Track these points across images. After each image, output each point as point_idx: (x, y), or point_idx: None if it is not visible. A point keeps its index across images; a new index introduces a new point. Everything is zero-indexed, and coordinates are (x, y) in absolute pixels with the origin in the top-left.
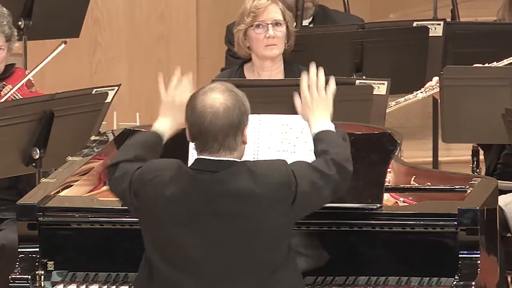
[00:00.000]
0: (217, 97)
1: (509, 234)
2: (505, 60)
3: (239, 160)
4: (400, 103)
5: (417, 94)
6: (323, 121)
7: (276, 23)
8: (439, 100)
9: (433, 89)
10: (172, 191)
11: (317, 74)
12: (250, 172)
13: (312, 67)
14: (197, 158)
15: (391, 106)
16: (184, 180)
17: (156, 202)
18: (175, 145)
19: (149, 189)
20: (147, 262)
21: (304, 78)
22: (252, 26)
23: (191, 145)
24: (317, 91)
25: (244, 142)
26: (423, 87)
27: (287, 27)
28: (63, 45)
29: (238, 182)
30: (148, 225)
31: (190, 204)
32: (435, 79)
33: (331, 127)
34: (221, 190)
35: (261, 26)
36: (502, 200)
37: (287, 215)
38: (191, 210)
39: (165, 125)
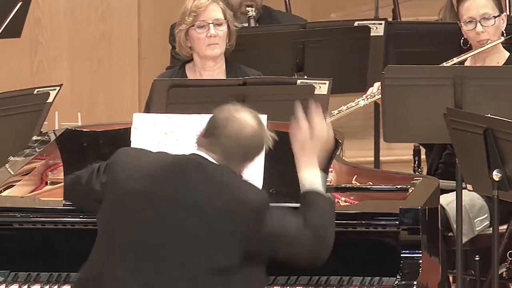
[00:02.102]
0: (250, 119)
1: (451, 234)
2: (450, 61)
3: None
4: (343, 111)
5: (359, 101)
6: (313, 171)
7: (217, 23)
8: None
9: (375, 96)
10: (146, 170)
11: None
12: (227, 183)
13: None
14: (192, 153)
15: (333, 115)
16: (161, 161)
17: (128, 179)
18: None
19: (124, 166)
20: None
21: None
22: (193, 26)
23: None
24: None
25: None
26: (365, 90)
27: (228, 26)
28: None
29: (210, 187)
30: (110, 200)
31: (158, 184)
32: (377, 85)
33: (319, 180)
34: (196, 176)
35: (202, 26)
36: (444, 199)
37: (240, 238)
38: (157, 191)
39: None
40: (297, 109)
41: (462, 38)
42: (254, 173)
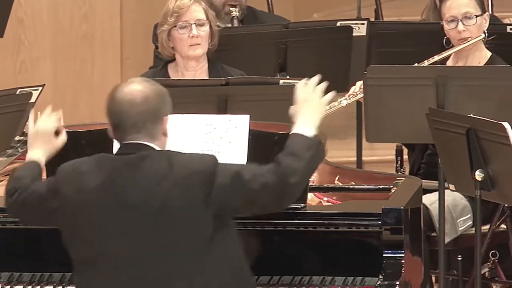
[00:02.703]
0: (135, 87)
1: (434, 234)
2: (431, 59)
3: (159, 148)
4: (326, 110)
5: (341, 101)
6: (304, 127)
7: (199, 23)
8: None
9: (357, 95)
10: (92, 183)
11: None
12: (169, 158)
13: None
14: (120, 146)
15: None
16: (104, 166)
17: (79, 192)
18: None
19: (70, 185)
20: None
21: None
22: (175, 26)
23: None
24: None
25: (165, 134)
26: (347, 90)
27: (210, 26)
28: None
29: (154, 165)
30: (69, 223)
31: (110, 188)
32: (359, 84)
33: (308, 132)
34: (138, 171)
35: (184, 26)
36: (427, 199)
37: (203, 206)
38: (112, 193)
39: (38, 154)
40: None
41: (445, 37)
42: None
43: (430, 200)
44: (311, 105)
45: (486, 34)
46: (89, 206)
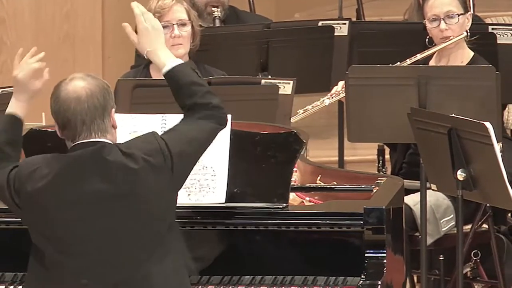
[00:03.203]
0: (79, 83)
1: (417, 233)
2: (413, 57)
3: (111, 142)
4: (308, 110)
5: (324, 100)
6: (173, 57)
7: (181, 23)
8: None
9: (340, 94)
10: (51, 177)
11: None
12: (122, 149)
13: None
14: (72, 146)
15: (299, 114)
16: (61, 164)
17: (38, 193)
18: None
19: (29, 184)
20: (37, 258)
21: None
22: None
23: None
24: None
25: (114, 126)
26: (329, 90)
27: (192, 26)
28: None
29: (112, 158)
30: (34, 220)
31: (70, 186)
32: (341, 83)
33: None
34: (98, 167)
35: (166, 26)
36: (411, 199)
37: (170, 180)
38: (73, 191)
39: (15, 104)
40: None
41: (427, 37)
42: (218, 172)
43: (413, 200)
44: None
45: (469, 33)
46: (49, 200)
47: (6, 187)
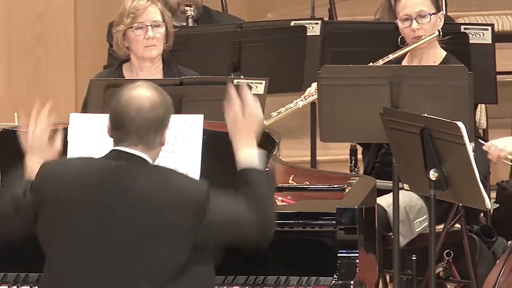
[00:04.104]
0: (145, 92)
1: (391, 233)
2: (385, 58)
3: (151, 161)
4: (282, 112)
5: (297, 102)
6: (250, 150)
7: (156, 24)
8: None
9: (313, 96)
10: (78, 177)
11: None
12: (166, 177)
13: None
14: (112, 149)
15: (272, 117)
16: (92, 167)
17: (59, 190)
18: None
19: (52, 179)
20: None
21: (233, 91)
22: (131, 27)
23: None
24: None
25: (162, 144)
26: (302, 90)
27: (166, 28)
28: None
29: (149, 183)
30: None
31: (95, 191)
32: (314, 85)
33: (256, 158)
34: (129, 184)
35: (140, 27)
36: (385, 200)
37: (187, 234)
38: (96, 197)
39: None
40: (230, 88)
41: (400, 36)
42: (191, 172)
43: (387, 202)
44: (248, 124)
45: (441, 33)
46: (70, 209)
47: (26, 189)
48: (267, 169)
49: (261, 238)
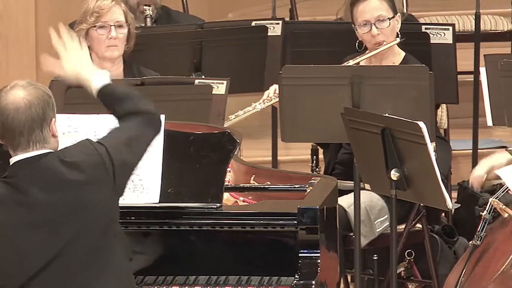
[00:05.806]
0: (19, 93)
1: (351, 233)
2: (351, 61)
3: (51, 151)
4: (239, 115)
5: (256, 105)
6: (98, 74)
7: (119, 25)
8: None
9: (272, 99)
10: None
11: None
12: (61, 161)
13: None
14: (13, 163)
15: (230, 120)
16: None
17: None
18: None
19: None
20: None
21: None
22: (94, 26)
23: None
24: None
25: (54, 136)
26: (263, 90)
27: (128, 29)
28: None
29: (52, 174)
30: None
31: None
32: (273, 88)
33: (106, 76)
34: (40, 184)
35: (103, 27)
36: (345, 201)
37: (113, 190)
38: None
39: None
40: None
41: (357, 40)
42: (152, 172)
43: (348, 202)
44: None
45: (400, 37)
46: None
47: None
48: None
49: (155, 131)
